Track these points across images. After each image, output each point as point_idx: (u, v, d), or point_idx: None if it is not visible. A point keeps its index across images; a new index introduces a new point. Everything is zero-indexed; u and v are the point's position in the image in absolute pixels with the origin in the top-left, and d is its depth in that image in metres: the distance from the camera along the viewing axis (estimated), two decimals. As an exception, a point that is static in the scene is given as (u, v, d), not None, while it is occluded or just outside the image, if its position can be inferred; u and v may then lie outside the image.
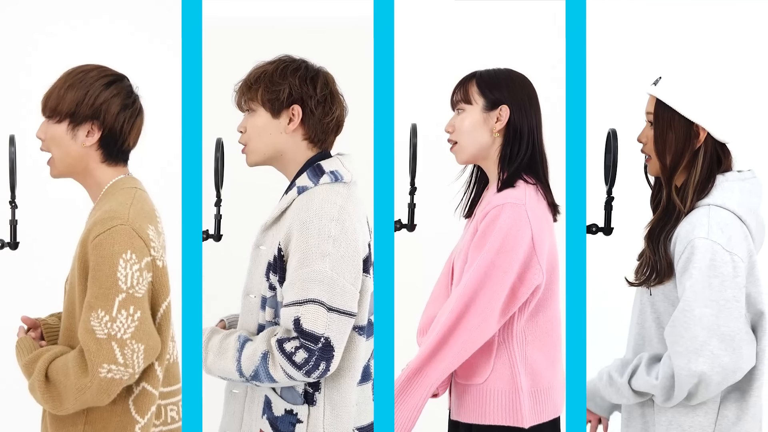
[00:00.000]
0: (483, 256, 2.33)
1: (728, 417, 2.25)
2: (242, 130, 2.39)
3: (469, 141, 2.46)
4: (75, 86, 2.27)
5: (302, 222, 2.26)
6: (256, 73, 2.37)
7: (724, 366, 2.15)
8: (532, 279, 2.36)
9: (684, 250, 2.18)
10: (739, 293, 2.17)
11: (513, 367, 2.40)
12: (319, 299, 2.22)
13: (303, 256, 2.24)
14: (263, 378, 2.25)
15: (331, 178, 2.33)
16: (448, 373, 2.37)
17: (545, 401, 2.45)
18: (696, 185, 2.23)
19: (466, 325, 2.33)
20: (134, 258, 2.17)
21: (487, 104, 2.44)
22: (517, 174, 2.42)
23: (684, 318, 2.16)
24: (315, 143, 2.38)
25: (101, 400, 2.16)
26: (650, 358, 2.29)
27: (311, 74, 2.36)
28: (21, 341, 2.32)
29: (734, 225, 2.20)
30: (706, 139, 2.24)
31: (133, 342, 2.15)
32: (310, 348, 2.21)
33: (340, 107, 2.40)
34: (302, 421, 2.31)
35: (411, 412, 2.35)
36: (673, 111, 2.25)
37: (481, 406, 2.42)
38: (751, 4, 3.68)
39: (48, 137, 2.30)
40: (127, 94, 2.33)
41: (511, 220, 2.33)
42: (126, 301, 2.15)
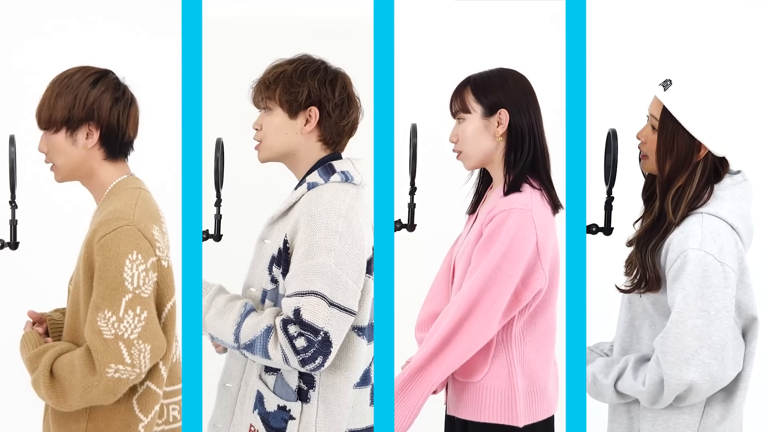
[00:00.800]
0: (489, 260, 2.34)
1: (713, 416, 2.27)
2: (257, 127, 2.39)
3: (474, 149, 2.46)
4: (63, 93, 2.28)
5: (311, 215, 2.26)
6: (275, 72, 2.36)
7: (713, 374, 2.17)
8: (535, 283, 2.37)
9: (677, 259, 2.19)
10: (729, 303, 2.18)
11: (510, 367, 2.41)
12: (321, 292, 2.22)
13: (308, 249, 2.24)
14: (257, 351, 2.24)
15: (342, 177, 2.33)
16: (449, 373, 2.39)
17: (540, 401, 2.46)
18: (690, 198, 2.23)
19: (469, 328, 2.34)
20: (140, 258, 2.18)
21: (486, 110, 2.44)
22: (522, 176, 2.42)
23: (676, 329, 2.17)
24: (329, 144, 2.39)
25: (107, 399, 2.17)
26: (636, 361, 2.30)
27: (330, 77, 2.36)
28: (27, 335, 2.33)
29: (726, 233, 2.20)
30: (707, 154, 2.25)
31: (139, 342, 2.16)
32: (311, 339, 2.20)
33: (356, 110, 2.41)
34: (295, 418, 2.31)
35: (410, 410, 2.35)
36: (679, 123, 2.24)
37: (477, 404, 2.42)
38: (751, 4, 3.68)
39: (50, 149, 2.32)
40: (115, 87, 2.33)
41: (518, 225, 2.34)
42: (132, 302, 2.16)
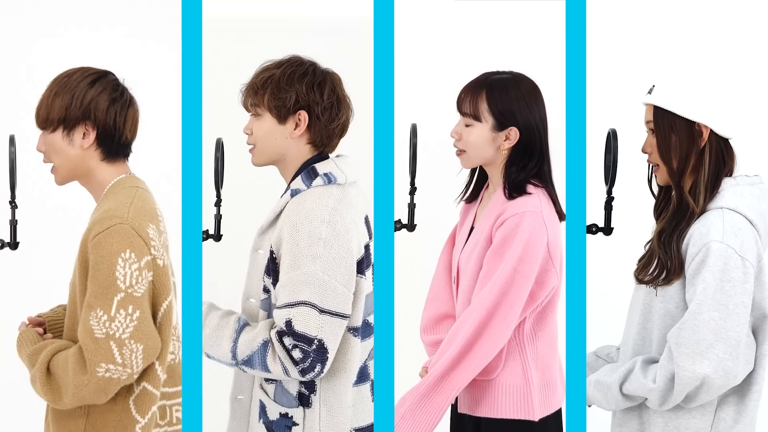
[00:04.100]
0: (506, 264, 2.35)
1: (725, 420, 2.25)
2: (248, 132, 2.39)
3: (476, 154, 2.46)
4: (60, 92, 2.29)
5: (292, 225, 2.25)
6: (263, 77, 2.35)
7: (727, 370, 2.15)
8: (549, 282, 2.40)
9: (698, 253, 2.17)
10: (747, 299, 2.17)
11: (524, 363, 2.44)
12: (310, 301, 2.22)
13: (293, 259, 2.23)
14: (257, 365, 2.24)
15: (324, 180, 2.32)
16: (471, 378, 2.39)
17: (552, 394, 2.49)
18: (706, 184, 2.23)
19: (491, 332, 2.35)
20: (133, 257, 2.18)
21: (497, 124, 2.43)
22: (526, 180, 2.43)
23: (694, 321, 2.15)
24: (318, 147, 2.38)
25: (98, 399, 2.17)
26: (644, 362, 2.28)
27: (318, 80, 2.34)
28: (24, 333, 2.33)
29: (746, 229, 2.19)
30: (710, 137, 2.24)
31: (131, 342, 2.15)
32: (305, 349, 2.20)
33: (347, 112, 2.40)
34: (298, 424, 2.30)
35: (434, 416, 2.36)
36: (672, 115, 2.25)
37: (492, 401, 2.44)
38: (751, 4, 3.68)
39: (47, 148, 2.32)
40: (114, 87, 2.33)
41: (531, 228, 2.35)
42: (124, 301, 2.15)
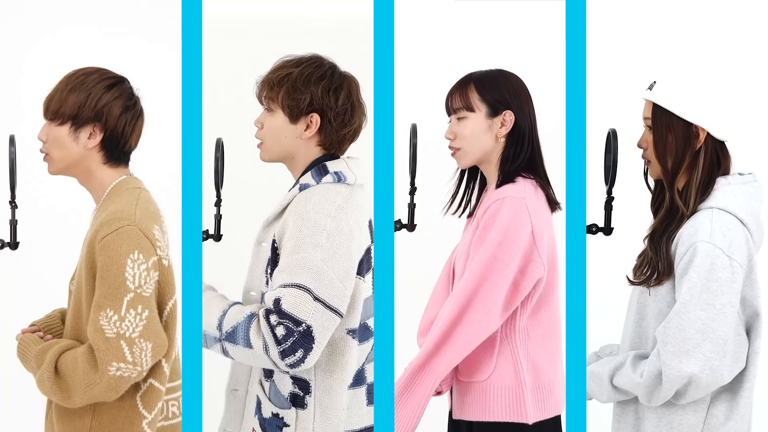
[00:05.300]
0: (484, 250, 2.34)
1: (717, 416, 2.26)
2: (259, 125, 2.38)
3: (474, 147, 2.46)
4: (77, 89, 2.29)
5: (298, 214, 2.24)
6: (281, 74, 2.33)
7: (713, 369, 2.16)
8: (534, 272, 2.36)
9: (686, 253, 2.19)
10: (734, 298, 2.18)
11: (516, 363, 2.41)
12: (305, 285, 2.18)
13: (295, 244, 2.21)
14: (239, 338, 2.20)
15: (334, 178, 2.32)
16: (451, 368, 2.37)
17: (547, 398, 2.45)
18: (698, 186, 2.24)
19: (468, 319, 2.33)
20: (141, 258, 2.19)
21: (491, 111, 2.44)
22: (516, 172, 2.42)
23: (679, 319, 2.16)
24: (328, 150, 2.37)
25: (109, 396, 2.19)
26: (636, 357, 2.29)
27: (335, 84, 2.33)
28: (24, 339, 2.34)
29: (736, 229, 2.20)
30: (705, 139, 2.25)
31: (141, 340, 2.17)
32: (290, 327, 2.15)
33: (360, 117, 2.39)
34: (289, 425, 2.29)
35: (415, 409, 2.33)
36: (671, 114, 2.25)
37: (484, 403, 2.41)
38: (751, 4, 3.68)
39: (50, 139, 2.32)
40: (129, 96, 2.35)
41: (512, 213, 2.33)
42: (134, 301, 2.18)
